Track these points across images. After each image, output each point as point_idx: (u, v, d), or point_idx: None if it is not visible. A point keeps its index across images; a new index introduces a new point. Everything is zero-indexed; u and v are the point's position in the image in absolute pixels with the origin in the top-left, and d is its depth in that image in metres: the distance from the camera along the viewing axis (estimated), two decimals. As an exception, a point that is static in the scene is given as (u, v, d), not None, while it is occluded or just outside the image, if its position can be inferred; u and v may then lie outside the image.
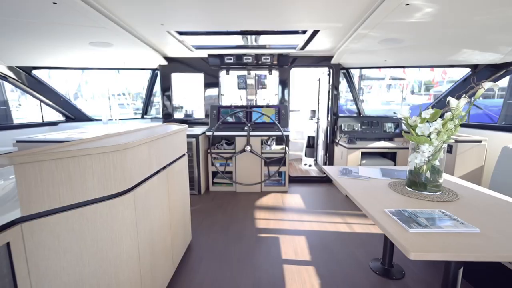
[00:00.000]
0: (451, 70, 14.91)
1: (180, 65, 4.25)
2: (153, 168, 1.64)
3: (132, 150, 1.34)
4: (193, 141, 3.76)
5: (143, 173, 1.49)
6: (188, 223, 2.47)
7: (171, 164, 2.00)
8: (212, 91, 4.38)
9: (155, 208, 1.67)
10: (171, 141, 2.01)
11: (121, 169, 1.26)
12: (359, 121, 4.18)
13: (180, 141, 2.23)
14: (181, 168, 2.26)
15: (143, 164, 1.48)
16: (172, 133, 2.01)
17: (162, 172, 1.80)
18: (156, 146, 1.69)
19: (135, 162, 1.37)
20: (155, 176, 1.68)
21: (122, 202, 1.28)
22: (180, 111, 4.81)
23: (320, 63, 4.19)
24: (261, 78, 4.56)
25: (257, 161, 3.94)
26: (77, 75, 15.45)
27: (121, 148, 1.24)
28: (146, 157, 1.53)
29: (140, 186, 1.45)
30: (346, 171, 2.14)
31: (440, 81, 15.90)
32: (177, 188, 2.15)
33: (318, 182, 4.48)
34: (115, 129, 4.24)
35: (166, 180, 1.88)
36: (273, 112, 4.14)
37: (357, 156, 3.72)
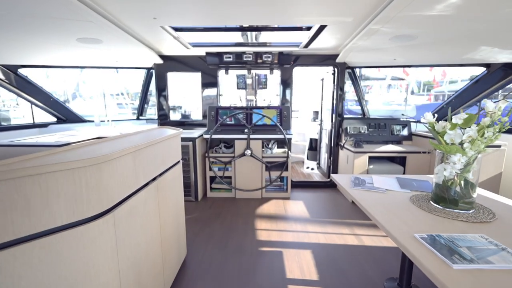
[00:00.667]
0: (451, 70, 14.71)
1: (177, 63, 4.02)
2: (140, 182, 1.42)
3: (111, 163, 1.11)
4: (190, 144, 3.53)
5: (126, 189, 1.27)
6: (182, 237, 2.24)
7: (162, 174, 1.78)
8: (210, 91, 4.15)
9: (142, 227, 1.45)
10: (163, 148, 1.78)
11: (96, 187, 1.03)
12: (365, 123, 3.96)
13: (173, 147, 2.00)
14: (174, 177, 2.03)
15: (126, 179, 1.25)
16: (164, 139, 1.78)
17: (151, 185, 1.57)
18: (144, 155, 1.46)
19: (115, 177, 1.15)
20: (143, 190, 1.45)
21: (97, 227, 1.05)
22: (176, 112, 4.59)
23: (324, 62, 3.97)
24: (262, 78, 4.34)
25: (257, 166, 3.71)
26: (75, 74, 15.23)
27: (95, 162, 1.01)
28: (131, 170, 1.30)
29: (123, 205, 1.22)
30: (359, 181, 1.91)
31: (440, 81, 15.73)
32: (170, 200, 1.92)
33: (322, 187, 4.26)
34: (106, 132, 4.01)
35: (156, 193, 1.65)
36: (275, 113, 3.92)
37: (364, 161, 3.50)
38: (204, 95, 4.16)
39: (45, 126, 4.16)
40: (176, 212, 2.06)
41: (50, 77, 15.68)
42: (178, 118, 4.50)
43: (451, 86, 13.68)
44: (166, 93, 4.14)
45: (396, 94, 15.84)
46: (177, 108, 4.57)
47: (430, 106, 11.14)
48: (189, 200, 3.66)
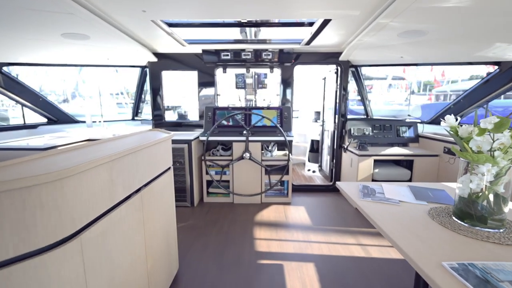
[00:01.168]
0: (449, 70, 14.51)
1: (172, 62, 3.83)
2: (118, 196, 1.23)
3: (77, 178, 0.92)
4: (185, 147, 3.34)
5: (99, 206, 1.08)
6: (174, 250, 2.05)
7: (149, 183, 1.59)
8: (208, 90, 3.96)
9: (122, 247, 1.26)
10: (150, 154, 1.59)
11: (55, 209, 0.84)
12: (369, 124, 3.77)
13: (163, 152, 1.81)
14: (164, 185, 1.84)
15: (99, 194, 1.06)
16: (151, 145, 1.59)
17: (134, 197, 1.38)
18: (124, 164, 1.27)
19: (82, 195, 0.96)
20: (123, 205, 1.26)
21: (57, 257, 0.86)
22: (172, 113, 4.40)
23: (327, 60, 3.78)
24: (261, 77, 4.15)
25: (257, 169, 3.52)
26: (74, 74, 15.03)
27: (53, 178, 0.82)
28: (105, 183, 1.11)
29: (94, 226, 1.03)
30: (368, 191, 1.72)
31: (441, 81, 15.54)
32: (159, 211, 1.73)
33: (324, 192, 4.07)
34: (97, 133, 3.83)
35: (141, 206, 1.46)
36: (275, 114, 3.73)
37: (369, 165, 3.31)
38: (201, 95, 3.97)
39: (35, 127, 3.97)
40: (166, 224, 1.87)
41: (50, 76, 15.51)
42: (174, 118, 4.31)
43: (454, 85, 13.47)
44: (161, 93, 3.95)
45: (397, 94, 15.64)
46: (172, 109, 4.38)
47: (433, 106, 10.94)
48: (184, 206, 3.47)
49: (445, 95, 14.99)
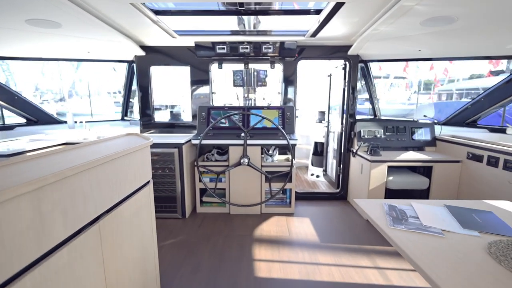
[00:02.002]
0: (453, 68, 14.14)
1: (161, 56, 3.45)
2: (57, 235, 0.85)
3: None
4: (175, 151, 2.97)
5: (22, 256, 0.70)
6: (153, 279, 1.68)
7: (115, 207, 1.22)
8: (201, 88, 3.58)
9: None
10: (116, 170, 1.22)
11: None
12: (381, 126, 3.40)
13: (137, 165, 1.44)
14: (140, 206, 1.47)
15: (20, 239, 0.69)
16: (118, 157, 1.22)
17: (87, 232, 1.01)
18: (66, 189, 0.89)
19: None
20: (65, 248, 0.89)
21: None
22: (163, 113, 4.03)
23: (334, 55, 3.40)
24: (261, 74, 3.77)
25: (256, 176, 3.15)
26: (71, 72, 14.61)
27: None
28: (29, 222, 0.74)
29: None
30: (397, 214, 1.35)
31: (441, 80, 15.20)
32: (131, 239, 1.36)
33: (330, 200, 3.70)
34: (79, 135, 3.45)
35: (99, 241, 1.09)
36: (276, 114, 3.35)
37: (383, 172, 2.94)
38: (194, 93, 3.59)
39: (11, 129, 3.59)
40: (142, 253, 1.50)
41: (46, 75, 14.93)
42: (165, 119, 3.93)
43: (459, 84, 13.11)
44: (150, 91, 3.57)
45: (399, 93, 15.27)
46: (163, 108, 4.01)
47: (440, 106, 10.56)
48: (175, 218, 3.10)
49: (451, 94, 14.65)
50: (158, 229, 2.85)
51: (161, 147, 2.96)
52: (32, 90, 14.22)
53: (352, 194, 3.52)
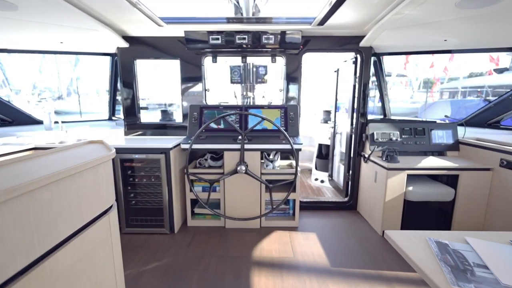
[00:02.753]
0: (452, 67, 13.71)
1: (147, 48, 3.03)
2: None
3: None
4: (161, 158, 2.56)
5: None
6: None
7: (44, 258, 0.81)
8: (193, 85, 3.17)
9: None
10: (51, 199, 0.81)
11: None
12: (396, 128, 3.00)
13: (90, 188, 1.04)
14: (93, 247, 1.07)
15: None
16: (52, 180, 0.81)
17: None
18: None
19: None
20: None
21: None
22: (151, 112, 3.62)
23: (343, 47, 3.00)
24: (260, 70, 3.36)
25: (255, 184, 2.76)
26: (68, 70, 14.18)
27: None
28: None
29: None
30: (454, 260, 0.96)
31: (441, 78, 14.79)
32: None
33: (337, 210, 3.31)
34: (54, 138, 3.05)
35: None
36: (278, 114, 2.95)
37: (401, 181, 2.55)
38: (184, 90, 3.17)
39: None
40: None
41: (44, 72, 14.46)
42: (155, 119, 3.52)
43: (465, 82, 12.68)
44: (135, 87, 3.16)
45: (400, 91, 14.84)
46: (153, 107, 3.60)
47: (446, 104, 10.14)
48: (162, 233, 2.70)
49: (450, 92, 14.23)
50: (141, 249, 2.46)
51: (145, 153, 2.56)
52: (30, 89, 13.79)
53: (363, 204, 3.12)
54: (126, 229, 2.69)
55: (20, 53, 3.06)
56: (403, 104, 12.80)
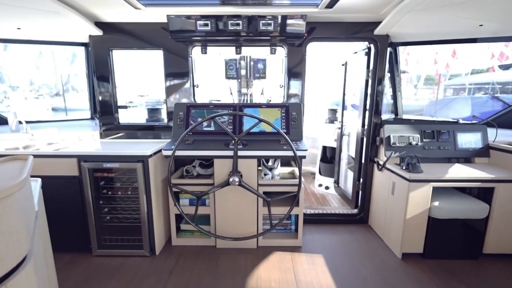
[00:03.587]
0: (454, 64, 13.21)
1: (124, 36, 2.59)
2: None
3: None
4: (138, 167, 2.13)
5: None
6: None
7: None
8: (179, 80, 2.73)
9: None
10: None
11: None
12: (416, 130, 2.57)
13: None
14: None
15: None
16: None
17: None
18: None
19: None
20: None
21: None
22: (133, 110, 3.19)
23: (355, 35, 2.56)
24: (259, 64, 2.93)
25: (251, 197, 2.34)
26: (66, 66, 13.70)
27: None
28: None
29: None
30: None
31: (443, 74, 14.33)
32: None
33: (346, 224, 2.89)
34: (14, 144, 2.62)
35: None
36: (278, 114, 2.52)
37: (426, 195, 2.12)
38: (169, 86, 2.73)
39: None
40: None
41: (41, 69, 13.98)
42: (134, 119, 3.09)
43: (472, 78, 12.20)
44: (111, 82, 2.72)
45: (402, 88, 14.32)
46: (131, 104, 3.16)
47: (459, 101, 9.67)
48: (140, 256, 2.28)
49: (454, 89, 13.77)
50: (114, 276, 2.02)
51: (118, 161, 2.13)
52: (27, 85, 13.36)
53: (376, 218, 2.70)
54: (97, 251, 2.27)
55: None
56: (406, 101, 12.33)
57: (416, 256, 2.27)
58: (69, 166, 2.13)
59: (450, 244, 2.23)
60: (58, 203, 2.19)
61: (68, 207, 2.20)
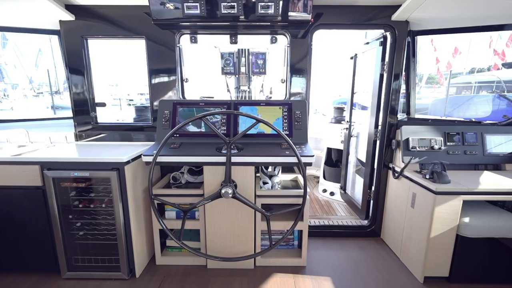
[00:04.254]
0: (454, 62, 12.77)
1: (100, 22, 2.23)
2: None
3: None
4: (113, 176, 1.79)
5: None
6: None
7: None
8: (165, 73, 2.38)
9: None
10: None
11: None
12: (439, 132, 2.22)
13: None
14: None
15: None
16: None
17: None
18: None
19: None
20: None
21: None
22: (116, 108, 2.83)
23: (368, 22, 2.21)
24: (258, 57, 2.59)
25: (246, 209, 2.00)
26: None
27: None
28: None
29: None
30: None
31: (444, 73, 13.96)
32: None
33: (356, 237, 2.56)
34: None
35: None
36: (279, 114, 2.18)
37: (455, 210, 1.79)
38: (153, 80, 2.38)
39: None
40: None
41: (40, 67, 13.55)
42: (116, 118, 2.74)
43: (478, 76, 11.81)
44: (87, 75, 2.36)
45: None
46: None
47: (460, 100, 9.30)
48: (118, 279, 1.95)
49: (458, 87, 13.39)
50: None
51: (88, 169, 1.79)
52: (27, 83, 13.05)
53: (391, 232, 2.37)
54: (67, 274, 1.94)
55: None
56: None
57: (440, 280, 1.94)
58: (31, 175, 1.79)
59: (481, 266, 1.90)
60: (19, 218, 1.86)
61: (31, 222, 1.87)
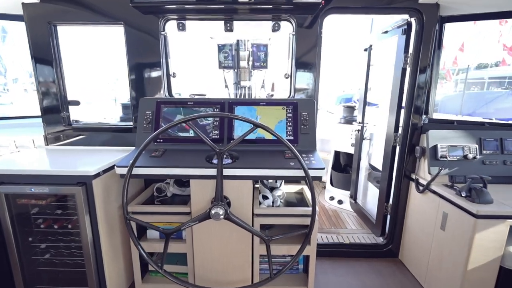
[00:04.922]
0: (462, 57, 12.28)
1: (70, 5, 1.88)
2: None
3: None
4: (78, 192, 1.46)
5: None
6: None
7: None
8: (147, 66, 2.02)
9: None
10: None
11: None
12: (473, 138, 1.86)
13: None
14: None
15: None
16: None
17: None
18: None
19: None
20: None
21: None
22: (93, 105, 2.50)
23: (391, 5, 1.84)
24: (260, 50, 2.25)
25: (242, 232, 1.66)
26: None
27: None
28: None
29: None
30: None
31: (451, 69, 13.50)
32: None
33: (369, 257, 2.22)
34: None
35: None
36: (282, 115, 1.83)
37: (501, 237, 1.44)
38: (134, 75, 2.03)
39: None
40: None
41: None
42: (92, 117, 2.40)
43: (491, 71, 11.32)
44: (56, 68, 2.02)
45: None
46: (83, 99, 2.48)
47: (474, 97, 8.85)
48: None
49: (466, 84, 12.92)
50: None
51: (48, 183, 1.46)
52: (27, 77, 12.85)
53: (414, 255, 2.03)
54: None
55: None
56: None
57: (478, 320, 1.60)
58: (-22, 190, 1.46)
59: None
60: (-33, 241, 1.54)
61: (-19, 246, 1.55)
